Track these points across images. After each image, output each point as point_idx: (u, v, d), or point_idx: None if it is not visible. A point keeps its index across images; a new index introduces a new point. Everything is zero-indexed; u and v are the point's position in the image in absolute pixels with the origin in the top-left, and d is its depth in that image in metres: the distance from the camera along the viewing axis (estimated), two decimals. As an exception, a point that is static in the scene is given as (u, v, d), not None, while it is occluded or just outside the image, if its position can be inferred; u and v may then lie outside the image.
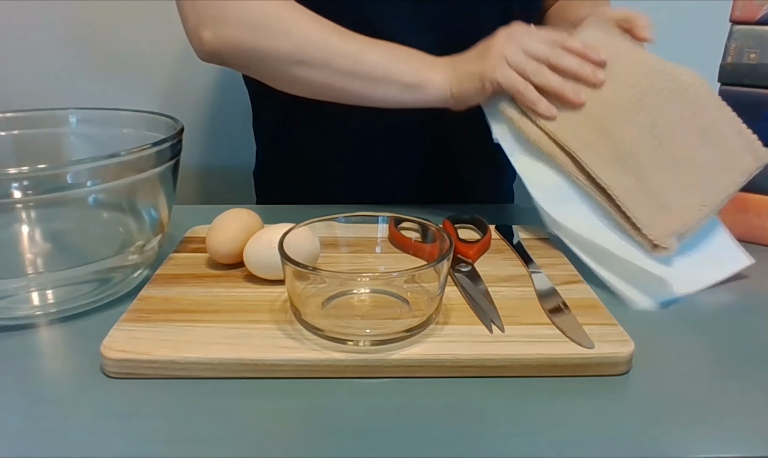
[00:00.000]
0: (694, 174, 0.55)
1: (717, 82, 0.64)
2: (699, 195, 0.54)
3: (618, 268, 0.52)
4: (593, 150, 0.55)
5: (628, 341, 0.42)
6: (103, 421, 0.36)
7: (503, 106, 0.59)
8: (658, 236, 0.52)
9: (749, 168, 0.55)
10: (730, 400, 0.39)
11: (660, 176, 0.55)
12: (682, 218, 0.53)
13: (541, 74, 0.57)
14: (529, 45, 0.58)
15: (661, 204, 0.54)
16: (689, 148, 0.56)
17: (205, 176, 1.11)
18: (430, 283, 0.43)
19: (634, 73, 0.57)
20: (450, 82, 0.60)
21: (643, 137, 0.56)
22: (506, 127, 0.60)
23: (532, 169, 0.58)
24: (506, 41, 0.58)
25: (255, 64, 0.64)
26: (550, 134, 0.57)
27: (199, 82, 1.05)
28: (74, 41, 1.02)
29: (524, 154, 0.59)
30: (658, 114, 0.56)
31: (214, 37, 0.62)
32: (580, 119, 0.57)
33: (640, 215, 0.53)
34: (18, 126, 0.59)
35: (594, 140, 0.56)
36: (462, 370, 0.40)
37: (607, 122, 0.56)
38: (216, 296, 0.47)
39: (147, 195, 0.51)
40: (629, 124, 0.56)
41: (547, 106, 0.57)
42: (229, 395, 0.39)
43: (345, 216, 0.50)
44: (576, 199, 0.56)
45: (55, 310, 0.47)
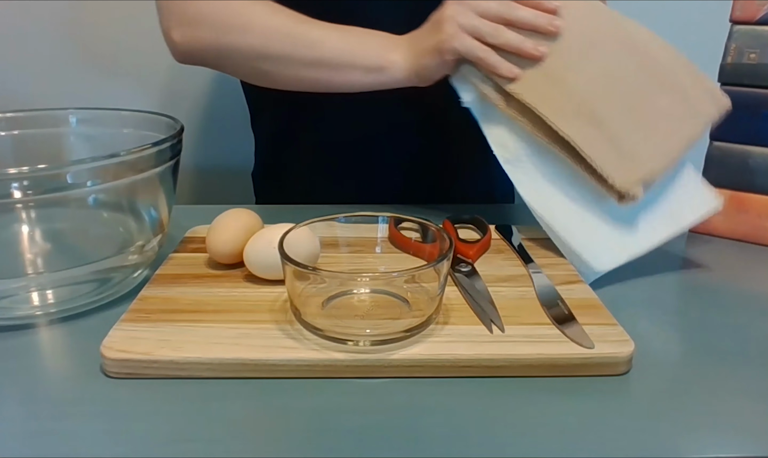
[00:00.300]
0: (656, 122, 0.55)
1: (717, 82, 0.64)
2: (663, 143, 0.54)
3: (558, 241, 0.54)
4: (552, 103, 0.55)
5: (628, 342, 0.42)
6: (103, 421, 0.36)
7: (466, 71, 0.58)
8: (624, 185, 0.51)
9: (711, 115, 0.56)
10: (730, 400, 0.39)
11: (620, 124, 0.54)
12: (647, 166, 0.53)
13: (498, 34, 0.56)
14: (480, 6, 0.57)
15: (625, 153, 0.53)
16: (648, 96, 0.55)
17: (205, 176, 1.11)
18: (430, 283, 0.43)
19: (589, 24, 0.57)
20: (411, 61, 0.60)
21: (601, 87, 0.55)
22: (472, 92, 0.59)
23: (496, 131, 0.58)
24: (457, 7, 0.57)
25: (223, 62, 0.66)
26: (510, 92, 0.56)
27: (199, 82, 1.05)
28: (74, 41, 1.02)
29: (489, 117, 0.59)
30: (615, 65, 0.56)
31: (182, 38, 0.64)
32: (536, 74, 0.56)
33: (605, 166, 0.52)
34: (18, 126, 0.59)
35: (551, 93, 0.55)
36: (462, 370, 0.40)
37: (563, 73, 0.55)
38: (216, 296, 0.47)
39: (147, 195, 0.51)
40: (584, 74, 0.55)
41: (508, 67, 0.56)
42: (229, 395, 0.39)
43: (345, 216, 0.50)
44: (539, 162, 0.56)
45: (55, 310, 0.47)
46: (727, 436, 0.36)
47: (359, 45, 0.61)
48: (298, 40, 0.61)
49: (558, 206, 0.54)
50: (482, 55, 0.56)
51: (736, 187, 0.64)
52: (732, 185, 0.64)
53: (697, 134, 0.55)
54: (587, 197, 0.54)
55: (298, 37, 0.61)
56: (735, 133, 0.63)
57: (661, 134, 0.54)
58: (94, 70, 1.03)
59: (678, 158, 0.55)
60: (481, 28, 0.56)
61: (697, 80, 0.56)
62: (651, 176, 0.52)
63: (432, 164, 0.77)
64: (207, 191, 1.11)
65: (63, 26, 1.01)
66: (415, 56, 0.59)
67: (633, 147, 0.53)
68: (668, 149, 0.54)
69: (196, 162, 1.09)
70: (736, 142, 0.64)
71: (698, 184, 0.58)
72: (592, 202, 0.54)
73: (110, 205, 0.50)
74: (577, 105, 0.54)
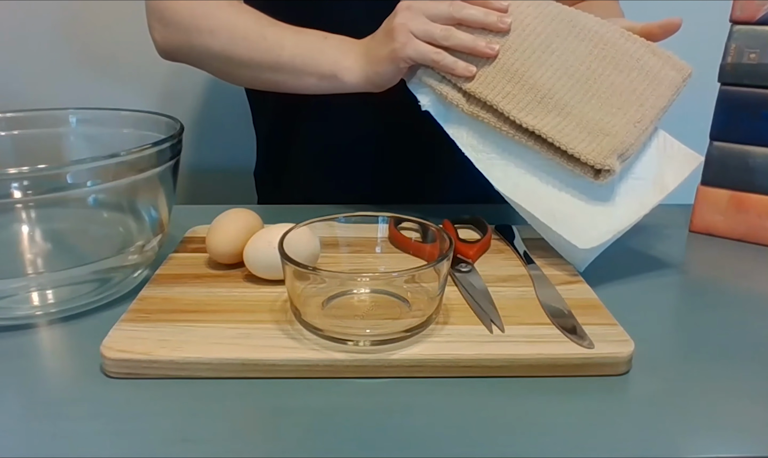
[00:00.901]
0: (620, 99, 0.55)
1: (717, 82, 0.64)
2: (630, 116, 0.54)
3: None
4: (512, 99, 0.55)
5: (628, 342, 0.42)
6: (103, 421, 0.36)
7: (421, 75, 0.58)
8: (598, 159, 0.51)
9: (675, 82, 0.56)
10: (730, 400, 0.39)
11: (585, 109, 0.54)
12: (617, 138, 0.53)
13: (450, 36, 0.56)
14: (430, 9, 0.56)
15: (594, 131, 0.53)
16: (609, 77, 0.56)
17: (206, 176, 1.11)
18: (430, 283, 0.43)
19: (540, 21, 0.57)
20: (365, 68, 0.60)
21: (559, 78, 0.55)
22: (430, 95, 0.59)
23: (461, 133, 0.58)
24: (407, 13, 0.57)
25: (196, 62, 0.68)
26: (468, 91, 0.56)
27: (200, 82, 1.05)
28: (74, 41, 1.02)
29: (452, 119, 0.58)
30: (569, 55, 0.56)
31: (161, 38, 0.67)
32: (494, 71, 0.56)
33: (575, 145, 0.52)
34: (18, 126, 0.59)
35: (512, 89, 0.55)
36: (462, 370, 0.40)
37: (521, 70, 0.55)
38: (216, 296, 0.47)
39: (147, 195, 0.51)
40: (542, 68, 0.55)
41: (464, 66, 0.56)
42: (229, 395, 0.39)
43: (345, 216, 0.50)
44: (511, 156, 0.56)
45: (55, 310, 0.47)
46: (727, 436, 0.36)
47: (314, 51, 0.61)
48: (256, 44, 0.62)
49: (537, 195, 0.54)
50: (437, 58, 0.56)
51: (736, 187, 0.64)
52: (732, 185, 0.64)
53: (663, 101, 0.55)
54: (565, 181, 0.54)
55: (256, 41, 0.62)
56: (735, 133, 0.64)
57: (627, 109, 0.54)
58: (94, 70, 1.03)
59: (649, 127, 0.55)
60: (432, 31, 0.56)
61: (654, 54, 0.57)
62: (623, 147, 0.52)
63: (432, 164, 0.77)
64: (207, 191, 1.11)
65: (63, 26, 1.01)
66: (369, 64, 0.59)
67: (601, 125, 0.53)
68: (636, 120, 0.54)
69: (196, 162, 1.09)
70: (736, 142, 0.64)
71: (675, 147, 0.57)
72: (570, 185, 0.54)
73: (110, 205, 0.50)
74: (540, 98, 0.54)
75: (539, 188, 0.55)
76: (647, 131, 0.55)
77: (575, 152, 0.52)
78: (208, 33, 0.63)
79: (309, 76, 0.62)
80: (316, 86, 0.62)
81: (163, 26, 0.66)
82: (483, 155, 0.57)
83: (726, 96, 0.64)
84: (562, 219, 0.53)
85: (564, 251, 0.54)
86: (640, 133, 0.54)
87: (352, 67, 0.60)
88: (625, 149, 0.53)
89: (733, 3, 0.62)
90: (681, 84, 0.56)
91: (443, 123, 0.59)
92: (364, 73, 0.60)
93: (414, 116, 0.65)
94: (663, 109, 0.55)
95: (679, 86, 0.56)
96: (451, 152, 0.75)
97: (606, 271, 0.55)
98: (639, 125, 0.54)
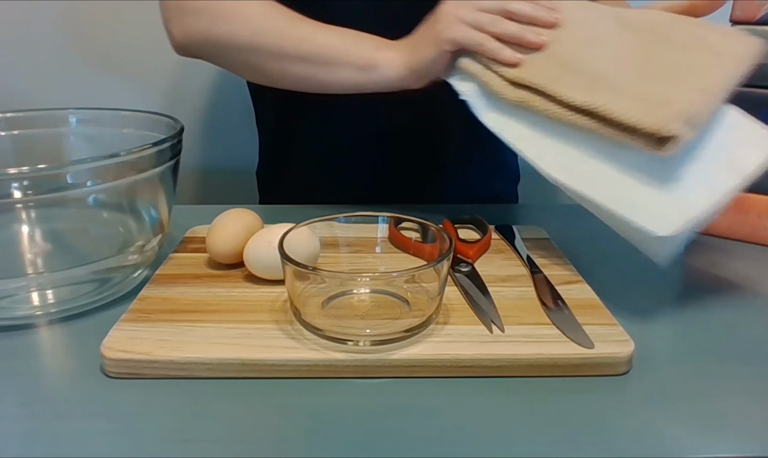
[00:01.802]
0: (678, 73, 0.50)
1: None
2: (692, 83, 0.48)
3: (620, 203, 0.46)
4: (561, 82, 0.51)
5: (628, 342, 0.42)
6: (103, 421, 0.36)
7: (464, 62, 0.56)
8: (658, 124, 0.45)
9: (741, 54, 0.51)
10: (730, 400, 0.39)
11: (641, 85, 0.49)
12: (682, 103, 0.46)
13: (497, 23, 0.55)
14: (478, 2, 0.56)
15: (653, 102, 0.47)
16: (662, 58, 0.52)
17: (206, 176, 1.11)
18: (430, 283, 0.43)
19: (587, 16, 0.56)
20: (406, 58, 0.58)
21: (611, 63, 0.52)
22: (471, 83, 0.57)
23: (505, 123, 0.55)
24: (456, 4, 0.56)
25: (216, 54, 0.66)
26: (514, 79, 0.53)
27: (201, 82, 1.05)
28: (74, 41, 1.02)
29: (494, 109, 0.56)
30: (619, 45, 0.53)
31: (179, 29, 0.65)
32: (542, 59, 0.54)
33: (632, 114, 0.46)
34: (18, 126, 0.59)
35: (561, 74, 0.52)
36: (462, 370, 0.40)
37: (570, 57, 0.53)
38: (216, 296, 0.47)
39: (147, 195, 0.51)
40: (592, 56, 0.53)
41: (511, 53, 0.54)
42: (229, 395, 0.39)
43: (345, 216, 0.50)
44: (557, 140, 0.52)
45: (55, 310, 0.47)
46: (727, 436, 0.36)
47: (351, 43, 0.60)
48: (288, 33, 0.61)
49: (597, 181, 0.49)
50: (482, 40, 0.54)
51: (736, 187, 0.63)
52: (732, 185, 0.64)
53: (730, 71, 0.49)
54: (628, 163, 0.48)
55: (288, 30, 0.61)
56: (735, 133, 0.63)
57: (688, 79, 0.49)
58: (95, 70, 1.03)
59: (715, 97, 0.48)
60: (480, 18, 0.55)
61: (713, 29, 0.53)
62: (688, 112, 0.46)
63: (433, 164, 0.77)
64: (208, 191, 1.12)
65: (63, 26, 1.01)
66: (412, 52, 0.58)
67: (662, 95, 0.48)
68: (700, 88, 0.48)
69: (197, 162, 1.09)
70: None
71: (750, 125, 0.50)
72: (634, 167, 0.48)
73: (110, 205, 0.50)
74: (592, 80, 0.51)
75: (599, 173, 0.49)
76: (714, 100, 0.48)
77: (633, 122, 0.46)
78: (233, 21, 0.62)
79: (343, 67, 0.59)
80: (351, 79, 0.60)
81: (184, 16, 0.64)
82: (530, 143, 0.52)
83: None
84: (629, 205, 0.46)
85: (636, 241, 0.48)
86: (707, 102, 0.47)
87: (392, 58, 0.59)
88: (692, 116, 0.45)
89: (733, 3, 0.62)
90: (749, 57, 0.50)
91: (483, 113, 0.55)
92: (404, 62, 0.58)
93: (415, 116, 0.65)
94: (730, 79, 0.49)
95: (747, 58, 0.50)
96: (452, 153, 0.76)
97: (606, 271, 0.55)
98: (704, 94, 0.48)
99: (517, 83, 0.54)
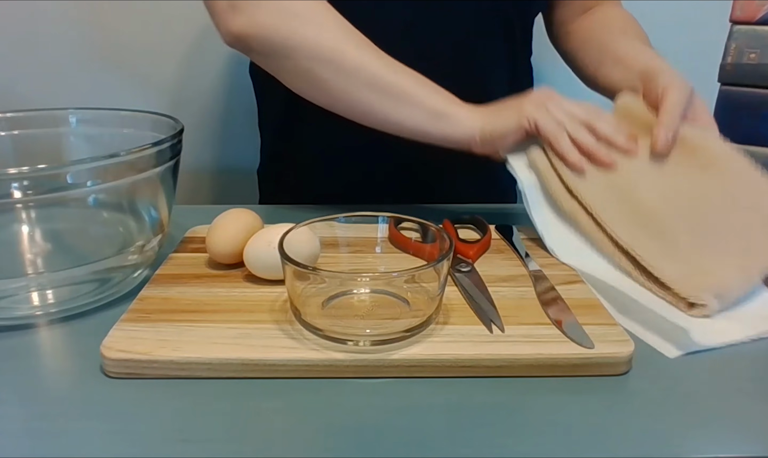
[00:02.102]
0: (728, 239, 0.51)
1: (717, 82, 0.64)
2: (736, 258, 0.50)
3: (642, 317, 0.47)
4: (614, 210, 0.54)
5: (628, 342, 0.42)
6: (103, 421, 0.36)
7: (533, 152, 0.58)
8: (691, 292, 0.47)
9: None
10: (730, 400, 0.39)
11: (688, 241, 0.51)
12: (718, 277, 0.48)
13: (578, 130, 0.57)
14: (567, 105, 0.58)
15: (692, 267, 0.49)
16: (719, 213, 0.53)
17: (206, 176, 1.11)
18: (430, 283, 0.43)
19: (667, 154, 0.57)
20: (481, 120, 0.58)
21: (667, 202, 0.54)
22: (532, 175, 0.59)
23: (552, 225, 0.57)
24: (548, 93, 0.58)
25: (281, 54, 0.61)
26: (572, 190, 0.56)
27: (202, 82, 1.05)
28: (75, 41, 1.02)
29: (546, 207, 0.58)
30: (683, 183, 0.55)
31: (246, 20, 0.59)
32: (603, 181, 0.56)
33: (668, 273, 0.49)
34: (18, 126, 0.59)
35: (615, 201, 0.55)
36: (462, 370, 0.40)
37: (630, 188, 0.55)
38: (216, 296, 0.47)
39: (147, 195, 0.51)
40: (655, 192, 0.55)
41: (578, 157, 0.56)
42: (229, 395, 0.39)
43: (345, 216, 0.50)
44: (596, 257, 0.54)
45: (55, 310, 0.47)
46: (727, 436, 0.36)
47: (430, 89, 0.59)
48: (369, 57, 0.58)
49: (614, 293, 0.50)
50: (559, 135, 0.56)
51: (736, 187, 0.63)
52: (732, 186, 0.64)
53: None
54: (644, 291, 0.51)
55: (369, 55, 0.58)
56: (735, 133, 0.63)
57: (734, 251, 0.50)
58: (95, 70, 1.03)
59: (758, 276, 0.49)
60: (564, 117, 0.57)
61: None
62: (723, 286, 0.47)
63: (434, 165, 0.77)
64: (208, 191, 1.12)
65: (64, 26, 1.01)
66: (489, 114, 0.58)
67: (702, 263, 0.50)
68: (744, 264, 0.49)
69: (197, 162, 1.09)
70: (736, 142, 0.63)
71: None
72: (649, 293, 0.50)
73: (110, 205, 0.50)
74: (646, 218, 0.53)
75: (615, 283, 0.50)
76: (750, 283, 0.49)
77: (667, 280, 0.49)
78: (319, 26, 0.58)
79: (417, 108, 0.58)
80: (420, 123, 0.59)
81: (257, 9, 0.58)
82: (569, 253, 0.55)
83: (726, 96, 0.64)
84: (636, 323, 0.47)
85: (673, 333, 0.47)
86: (745, 279, 0.49)
87: (465, 115, 0.58)
88: (724, 291, 0.47)
89: (733, 3, 0.62)
90: None
91: (533, 209, 0.58)
92: (478, 123, 0.58)
93: None
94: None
95: None
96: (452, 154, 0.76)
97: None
98: (742, 272, 0.49)
99: (572, 193, 0.56)
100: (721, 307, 0.47)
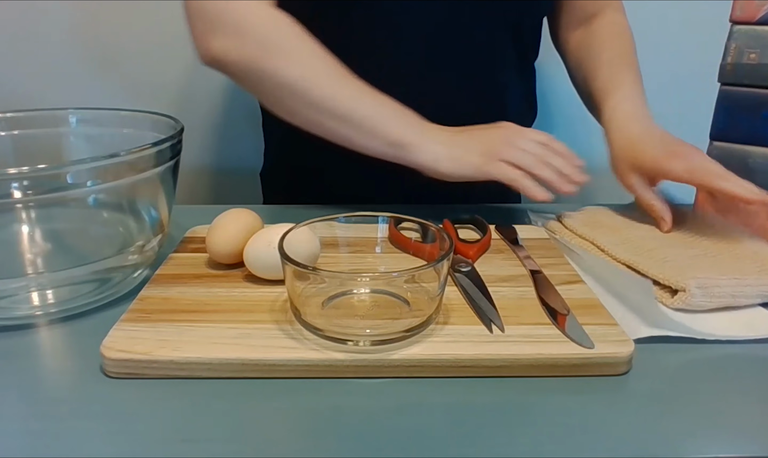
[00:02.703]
0: (717, 262, 0.52)
1: (717, 82, 0.64)
2: (734, 272, 0.50)
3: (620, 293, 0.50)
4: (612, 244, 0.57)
5: (628, 342, 0.42)
6: (103, 421, 0.36)
7: None
8: (673, 279, 0.49)
9: None
10: (730, 400, 0.39)
11: (676, 257, 0.53)
12: (703, 274, 0.49)
13: (537, 166, 0.59)
14: (528, 141, 0.60)
15: (681, 269, 0.51)
16: (707, 250, 0.55)
17: (207, 176, 1.11)
18: (430, 283, 0.43)
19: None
20: (442, 151, 0.60)
21: (662, 241, 0.57)
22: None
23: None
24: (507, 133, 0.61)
25: (254, 82, 0.64)
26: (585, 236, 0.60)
27: (203, 82, 1.05)
28: (75, 41, 1.02)
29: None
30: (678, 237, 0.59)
31: (221, 46, 0.62)
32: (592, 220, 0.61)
33: (654, 270, 0.51)
34: (18, 126, 0.59)
35: (619, 242, 0.57)
36: (462, 370, 0.40)
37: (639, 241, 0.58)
38: (216, 296, 0.47)
39: (147, 195, 0.51)
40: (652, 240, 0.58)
41: (542, 192, 0.58)
42: (229, 395, 0.39)
43: (345, 216, 0.50)
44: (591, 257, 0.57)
45: (55, 310, 0.47)
46: (727, 436, 0.36)
47: (390, 115, 0.61)
48: (333, 89, 0.61)
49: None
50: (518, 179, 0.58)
51: (736, 187, 0.63)
52: (732, 186, 0.64)
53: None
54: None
55: (334, 86, 0.61)
56: (735, 133, 0.64)
57: (726, 270, 0.51)
58: (95, 70, 1.03)
59: (744, 283, 0.49)
60: (523, 159, 0.59)
61: None
62: (707, 280, 0.48)
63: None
64: (208, 191, 1.12)
65: (65, 26, 1.01)
66: (452, 146, 0.60)
67: (689, 266, 0.51)
68: (735, 277, 0.50)
69: (198, 162, 1.09)
70: (736, 142, 0.64)
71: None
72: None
73: (110, 205, 0.50)
74: (633, 247, 0.56)
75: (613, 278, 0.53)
76: (741, 286, 0.49)
77: (652, 275, 0.51)
78: (287, 58, 0.60)
79: (376, 138, 0.61)
80: (380, 151, 0.61)
81: (230, 36, 0.61)
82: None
83: (726, 96, 0.64)
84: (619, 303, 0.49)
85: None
86: (732, 283, 0.49)
87: (429, 144, 0.60)
88: (707, 285, 0.48)
89: (733, 3, 0.62)
90: None
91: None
92: (440, 152, 0.60)
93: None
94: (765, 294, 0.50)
95: None
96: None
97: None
98: (739, 280, 0.49)
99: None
100: (703, 298, 0.48)
